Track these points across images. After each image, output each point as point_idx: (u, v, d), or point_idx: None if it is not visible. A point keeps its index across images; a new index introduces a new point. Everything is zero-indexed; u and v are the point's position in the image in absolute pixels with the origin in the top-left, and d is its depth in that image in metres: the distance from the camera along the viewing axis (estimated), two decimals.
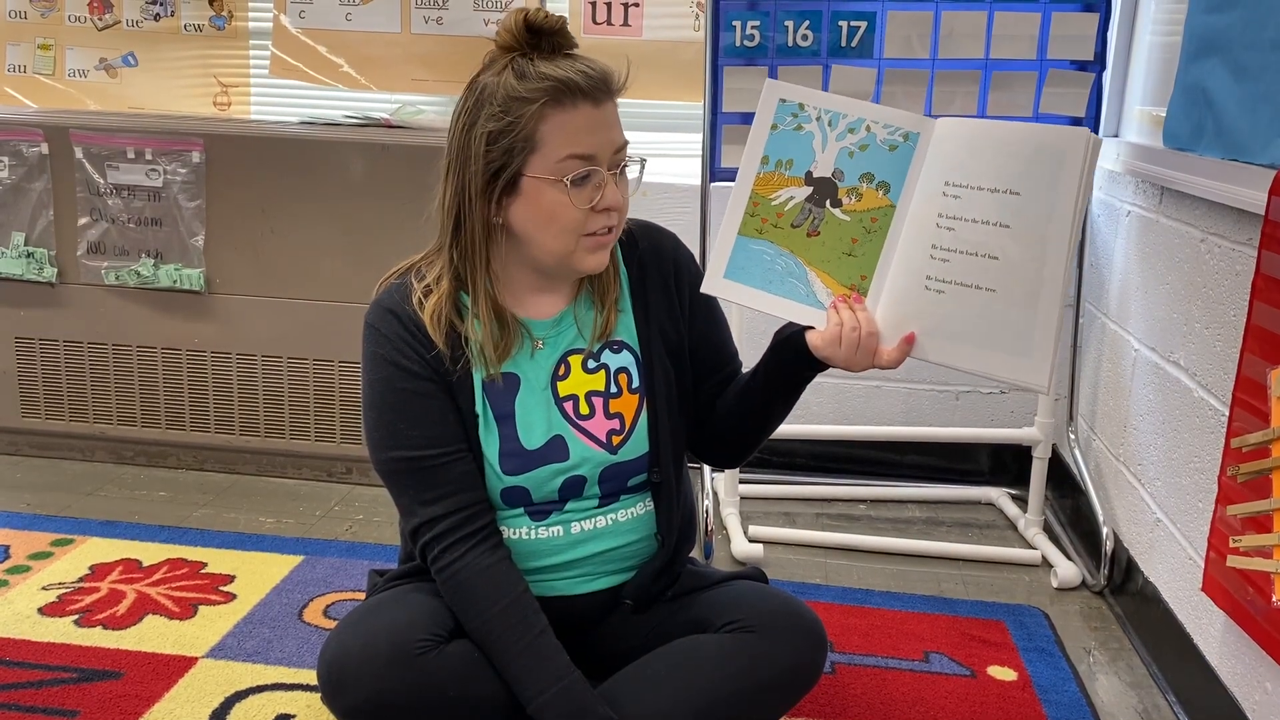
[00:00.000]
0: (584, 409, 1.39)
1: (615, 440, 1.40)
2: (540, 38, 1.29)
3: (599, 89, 1.28)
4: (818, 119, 1.34)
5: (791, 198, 1.34)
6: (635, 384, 1.42)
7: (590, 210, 1.29)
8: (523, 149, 1.27)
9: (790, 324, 1.36)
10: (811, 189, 1.34)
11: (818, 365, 1.34)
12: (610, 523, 1.41)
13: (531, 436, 1.37)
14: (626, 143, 1.33)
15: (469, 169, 1.29)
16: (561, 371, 1.40)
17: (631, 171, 1.36)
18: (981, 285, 1.26)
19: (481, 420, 1.37)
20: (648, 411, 1.42)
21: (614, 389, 1.41)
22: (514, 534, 1.40)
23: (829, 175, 1.33)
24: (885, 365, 1.30)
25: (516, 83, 1.26)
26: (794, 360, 1.35)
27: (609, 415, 1.40)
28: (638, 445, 1.41)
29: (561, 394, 1.39)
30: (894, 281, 1.31)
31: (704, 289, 1.38)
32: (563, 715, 1.27)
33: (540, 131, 1.26)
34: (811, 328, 1.33)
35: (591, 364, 1.41)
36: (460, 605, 1.34)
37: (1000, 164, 1.25)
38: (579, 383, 1.40)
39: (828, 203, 1.33)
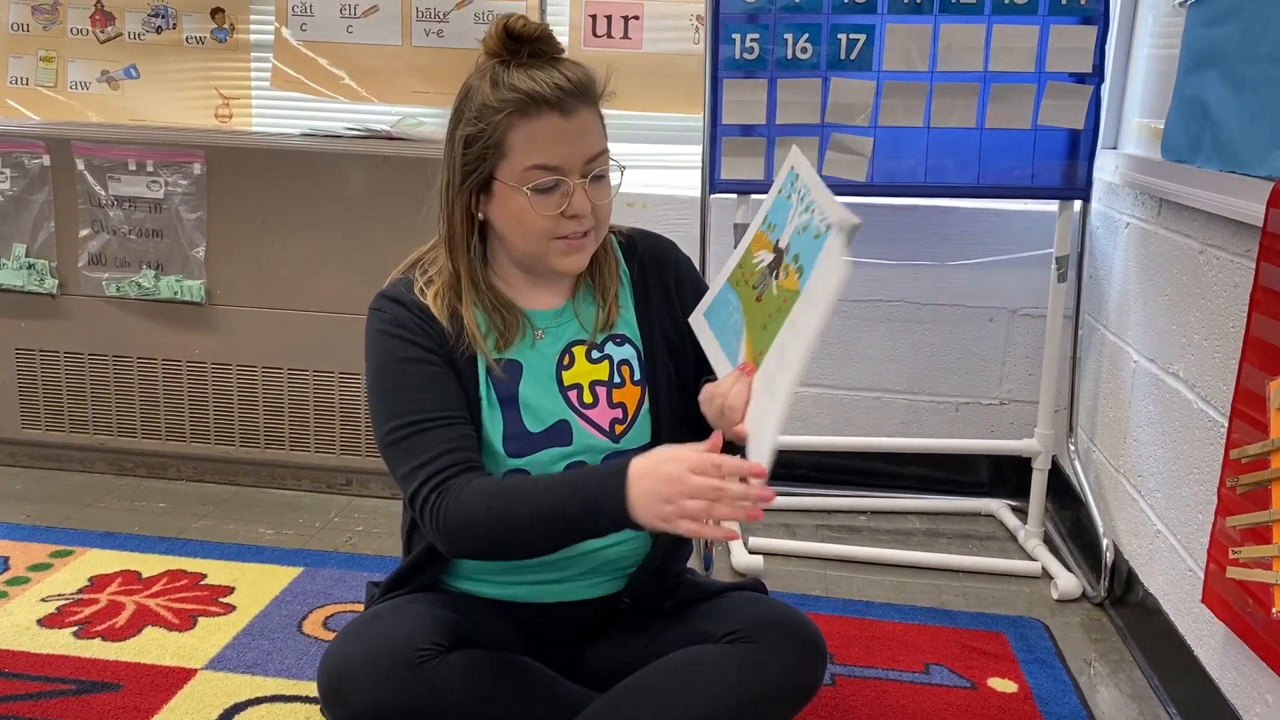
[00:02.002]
0: (588, 397, 1.41)
1: (618, 429, 1.41)
2: (520, 44, 1.31)
3: (569, 99, 1.29)
4: (797, 190, 1.32)
5: (762, 260, 1.34)
6: (638, 376, 1.43)
7: (559, 216, 1.32)
8: (493, 155, 1.31)
9: None
10: (774, 256, 1.33)
11: None
12: None
13: (535, 420, 1.39)
14: (603, 150, 1.34)
15: (452, 167, 1.35)
16: (566, 361, 1.42)
17: (615, 177, 1.36)
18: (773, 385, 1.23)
19: (485, 403, 1.38)
20: (650, 403, 1.43)
21: (617, 379, 1.43)
22: None
23: (784, 247, 1.32)
24: (737, 440, 1.27)
25: (490, 90, 1.30)
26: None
27: (612, 404, 1.41)
28: (640, 435, 1.42)
29: (566, 382, 1.41)
30: (763, 368, 1.27)
31: (690, 319, 1.42)
32: (595, 491, 1.23)
33: (508, 140, 1.30)
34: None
35: (595, 354, 1.43)
36: (463, 526, 1.27)
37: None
38: (583, 372, 1.42)
39: (774, 273, 1.32)
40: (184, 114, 2.77)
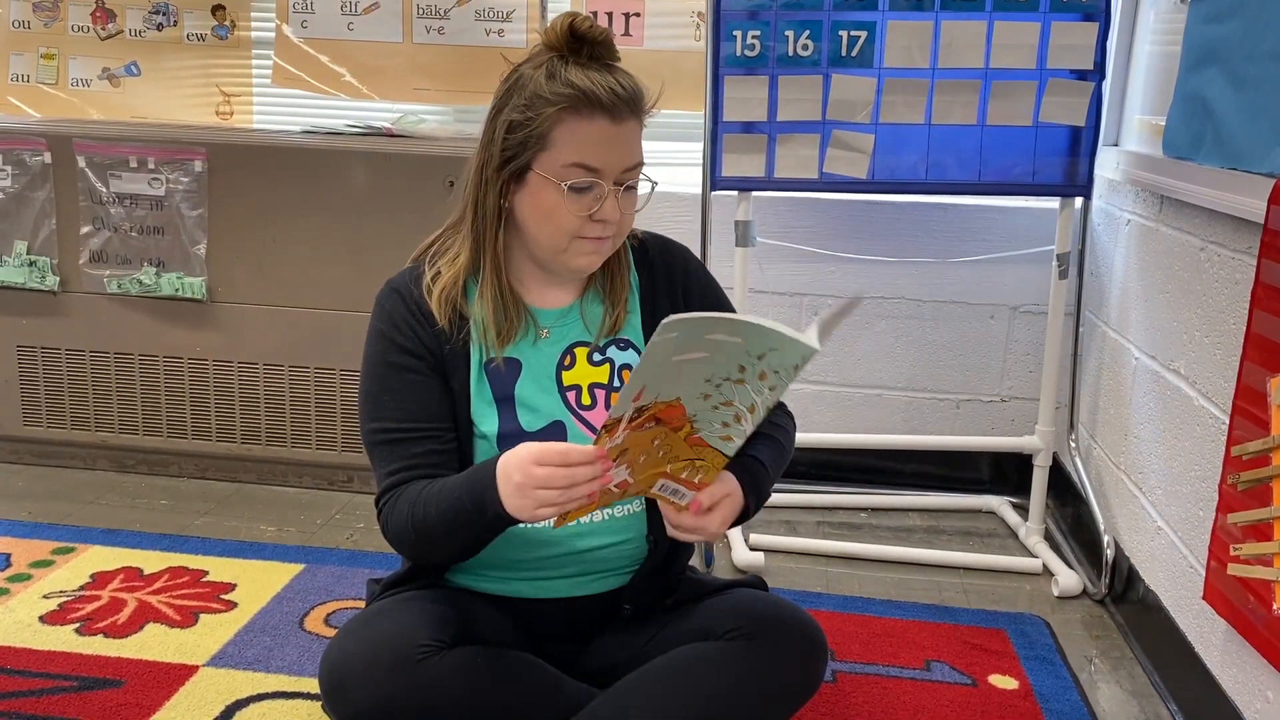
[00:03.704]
0: (586, 399, 1.41)
1: None
2: (582, 44, 1.32)
3: (621, 107, 1.30)
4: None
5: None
6: None
7: (586, 218, 1.32)
8: (535, 145, 1.31)
9: None
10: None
11: None
12: (605, 518, 1.42)
13: (531, 420, 1.39)
14: (640, 163, 1.35)
15: (490, 150, 1.35)
16: (567, 362, 1.42)
17: (643, 188, 1.37)
18: None
19: (478, 398, 1.39)
20: None
21: (617, 383, 1.43)
22: None
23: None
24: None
25: (545, 82, 1.30)
26: None
27: (609, 408, 1.41)
28: None
29: (565, 383, 1.42)
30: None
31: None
32: (473, 489, 1.26)
33: (553, 134, 1.30)
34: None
35: (597, 357, 1.43)
36: (397, 533, 1.34)
37: None
38: (583, 374, 1.42)
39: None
40: (185, 111, 2.77)
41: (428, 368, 1.38)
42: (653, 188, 1.38)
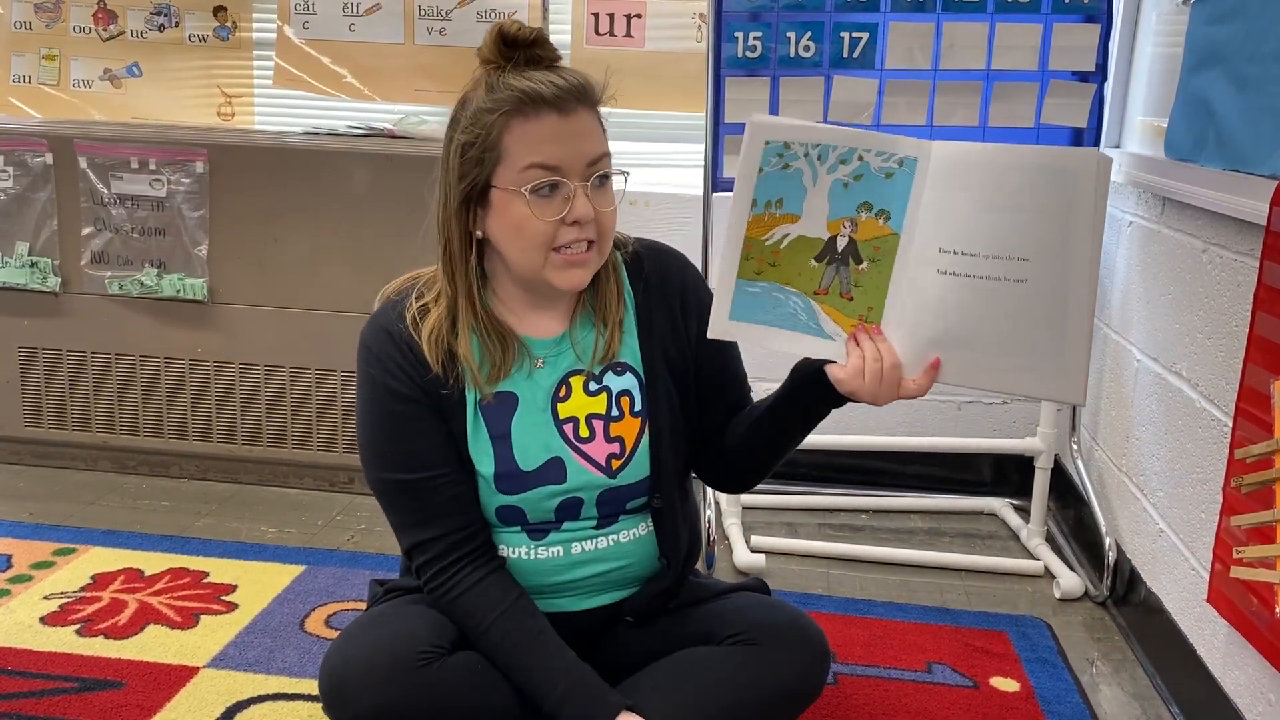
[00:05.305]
0: (584, 431, 1.37)
1: (615, 464, 1.38)
2: (516, 50, 1.28)
3: (566, 98, 1.25)
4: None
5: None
6: (637, 407, 1.39)
7: (559, 223, 1.27)
8: (490, 160, 1.27)
9: (807, 359, 1.31)
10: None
11: (840, 400, 1.29)
12: (612, 544, 1.40)
13: (528, 457, 1.36)
14: (606, 154, 1.30)
15: (448, 180, 1.31)
16: (562, 393, 1.38)
17: (617, 184, 1.33)
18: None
19: (475, 439, 1.35)
20: (650, 436, 1.39)
21: (615, 412, 1.38)
22: (514, 553, 1.39)
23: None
24: (910, 395, 1.26)
25: (485, 95, 1.27)
26: (815, 395, 1.30)
27: (609, 439, 1.38)
28: (638, 469, 1.39)
29: (562, 415, 1.37)
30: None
31: (710, 334, 1.30)
32: (579, 708, 1.28)
33: (504, 142, 1.26)
34: (831, 361, 1.28)
35: (593, 386, 1.38)
36: (459, 623, 1.35)
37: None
38: (580, 405, 1.38)
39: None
40: (186, 112, 2.77)
41: (428, 411, 1.34)
42: (626, 179, 1.33)
